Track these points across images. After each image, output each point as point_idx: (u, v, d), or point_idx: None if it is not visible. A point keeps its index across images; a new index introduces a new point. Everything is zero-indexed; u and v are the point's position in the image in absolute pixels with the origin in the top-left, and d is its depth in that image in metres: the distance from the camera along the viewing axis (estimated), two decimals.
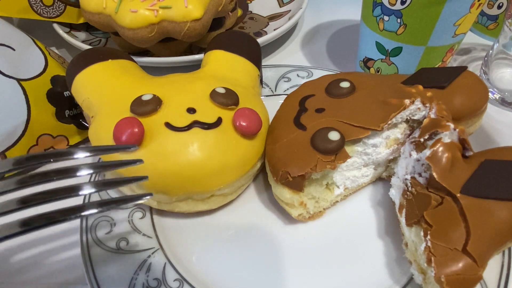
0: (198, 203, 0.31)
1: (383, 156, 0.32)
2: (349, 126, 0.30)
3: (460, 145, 0.29)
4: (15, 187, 0.22)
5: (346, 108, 0.32)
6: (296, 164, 0.29)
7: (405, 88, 0.32)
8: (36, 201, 0.22)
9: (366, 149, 0.31)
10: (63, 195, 0.22)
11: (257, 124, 0.31)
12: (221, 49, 0.38)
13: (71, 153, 0.24)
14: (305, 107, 0.33)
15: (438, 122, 0.29)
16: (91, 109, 0.33)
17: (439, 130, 0.28)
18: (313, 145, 0.29)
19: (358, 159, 0.31)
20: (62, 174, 0.23)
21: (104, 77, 0.34)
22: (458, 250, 0.24)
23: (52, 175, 0.23)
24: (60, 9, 0.49)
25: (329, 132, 0.29)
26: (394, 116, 0.30)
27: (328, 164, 0.29)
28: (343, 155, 0.29)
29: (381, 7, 0.38)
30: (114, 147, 0.28)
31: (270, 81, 0.44)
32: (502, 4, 0.50)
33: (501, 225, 0.25)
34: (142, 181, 0.25)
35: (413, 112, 0.31)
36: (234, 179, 0.31)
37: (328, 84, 0.35)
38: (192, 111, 0.31)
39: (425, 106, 0.31)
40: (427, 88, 0.32)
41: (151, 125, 0.29)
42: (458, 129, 0.28)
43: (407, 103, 0.30)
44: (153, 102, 0.30)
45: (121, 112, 0.30)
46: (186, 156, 0.29)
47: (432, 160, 0.27)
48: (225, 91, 0.32)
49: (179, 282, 0.28)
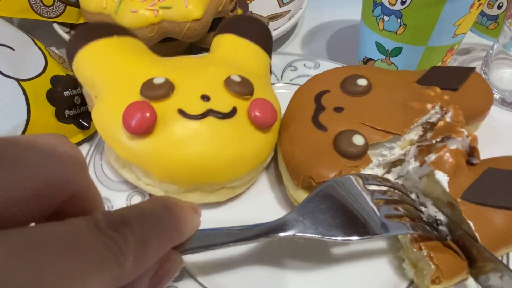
0: (207, 195, 0.30)
1: (396, 156, 0.31)
2: (372, 129, 0.29)
3: (465, 153, 0.29)
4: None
5: (365, 109, 0.31)
6: (319, 170, 0.28)
7: (423, 90, 0.32)
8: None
9: (383, 151, 0.30)
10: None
11: (272, 116, 0.30)
12: (232, 34, 0.36)
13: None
14: (322, 105, 0.32)
15: (453, 126, 0.29)
16: (95, 88, 0.31)
17: (453, 135, 0.28)
18: (336, 149, 0.29)
19: (375, 161, 0.31)
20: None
21: (110, 55, 0.31)
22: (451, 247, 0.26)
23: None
24: (60, 9, 0.49)
25: (353, 136, 0.29)
26: (417, 121, 0.30)
27: (353, 169, 0.28)
28: (366, 159, 0.29)
29: (381, 7, 0.38)
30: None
31: (276, 69, 0.43)
32: (502, 4, 0.50)
33: (497, 233, 0.25)
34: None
35: (431, 116, 0.31)
36: (246, 172, 0.30)
37: (343, 80, 0.34)
38: (206, 99, 0.29)
39: (442, 110, 0.31)
40: (443, 90, 0.32)
41: (163, 111, 0.28)
42: (471, 136, 0.28)
43: (429, 108, 0.30)
44: (166, 86, 0.29)
45: (130, 95, 0.29)
46: (200, 146, 0.28)
47: (436, 165, 0.27)
48: (240, 79, 0.31)
49: (179, 272, 0.28)
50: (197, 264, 0.28)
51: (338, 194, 0.26)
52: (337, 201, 0.26)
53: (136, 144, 0.27)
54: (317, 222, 0.25)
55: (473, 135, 0.28)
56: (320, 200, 0.26)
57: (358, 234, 0.24)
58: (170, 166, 0.28)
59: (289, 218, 0.25)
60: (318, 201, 0.26)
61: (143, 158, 0.28)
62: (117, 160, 0.31)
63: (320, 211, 0.25)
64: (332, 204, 0.25)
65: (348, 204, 0.25)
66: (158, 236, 0.17)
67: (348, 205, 0.25)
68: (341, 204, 0.26)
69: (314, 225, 0.25)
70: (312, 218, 0.25)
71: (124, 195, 0.31)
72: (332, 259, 0.30)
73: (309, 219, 0.25)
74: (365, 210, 0.25)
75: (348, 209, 0.25)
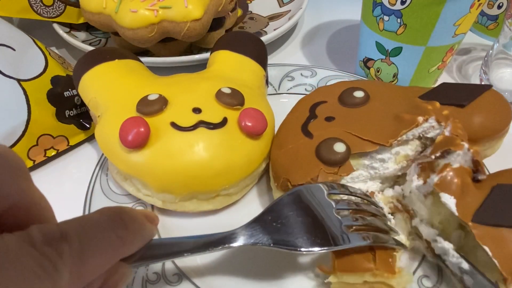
0: (203, 203, 0.31)
1: (390, 171, 0.30)
2: (357, 139, 0.29)
3: (469, 169, 0.27)
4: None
5: (356, 119, 0.31)
6: (297, 173, 0.29)
7: (421, 104, 0.31)
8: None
9: (373, 163, 0.30)
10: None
11: (262, 124, 0.31)
12: (227, 50, 0.38)
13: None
14: (315, 114, 0.33)
15: (452, 140, 0.27)
16: (98, 109, 0.33)
17: (452, 149, 0.27)
18: (317, 155, 0.29)
19: (364, 173, 0.30)
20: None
21: (111, 77, 0.34)
22: None
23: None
24: (60, 9, 0.49)
25: (335, 143, 0.29)
26: (404, 133, 0.29)
27: (330, 175, 0.28)
28: (347, 167, 0.28)
29: (381, 7, 0.38)
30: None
31: (274, 79, 0.44)
32: (502, 4, 0.50)
33: None
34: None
35: (426, 130, 0.30)
36: (239, 179, 0.31)
37: (342, 92, 0.34)
38: (197, 111, 0.31)
39: (439, 125, 0.29)
40: (445, 105, 0.30)
41: (157, 125, 0.30)
42: (473, 150, 0.27)
43: (420, 121, 0.29)
44: (159, 102, 0.30)
45: (127, 112, 0.30)
46: (192, 155, 0.29)
47: (440, 187, 0.25)
48: (230, 91, 0.32)
49: (178, 276, 0.28)
50: (195, 268, 0.29)
51: (301, 202, 0.26)
52: (300, 209, 0.25)
53: (133, 157, 0.29)
54: (274, 231, 0.24)
55: (475, 148, 0.27)
56: (281, 208, 0.25)
57: (319, 245, 0.24)
58: (164, 176, 0.29)
59: (239, 230, 0.25)
60: (279, 209, 0.25)
61: (140, 170, 0.29)
62: (119, 173, 0.32)
63: (282, 220, 0.25)
64: (294, 213, 0.25)
65: (310, 214, 0.25)
66: (100, 249, 0.17)
67: (310, 215, 0.25)
68: (303, 213, 0.25)
69: (270, 234, 0.24)
70: (269, 227, 0.25)
71: (128, 205, 0.32)
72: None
73: (267, 228, 0.25)
74: (327, 220, 0.25)
75: (309, 219, 0.25)
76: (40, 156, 0.36)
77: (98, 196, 0.32)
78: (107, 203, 0.32)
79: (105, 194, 0.33)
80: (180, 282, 0.28)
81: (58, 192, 0.35)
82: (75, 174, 0.37)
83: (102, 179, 0.33)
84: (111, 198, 0.32)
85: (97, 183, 0.33)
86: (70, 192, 0.35)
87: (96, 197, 0.32)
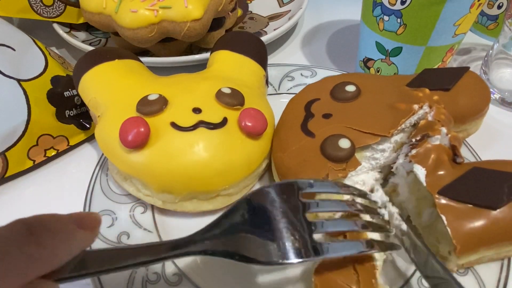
0: (203, 203, 0.31)
1: (390, 159, 0.31)
2: (358, 133, 0.30)
3: (449, 150, 0.28)
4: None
5: (353, 113, 0.31)
6: (307, 174, 0.29)
7: (412, 92, 0.32)
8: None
9: (375, 154, 0.30)
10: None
11: (262, 124, 0.31)
12: (227, 50, 0.38)
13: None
14: (311, 113, 0.33)
15: (432, 125, 0.29)
16: (98, 109, 0.33)
17: (430, 133, 0.28)
18: (323, 153, 0.29)
19: (367, 164, 0.31)
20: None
21: (111, 77, 0.34)
22: None
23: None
24: (60, 9, 0.49)
25: (339, 140, 0.29)
26: (403, 122, 0.30)
27: (340, 172, 0.28)
28: (353, 162, 0.29)
29: (381, 7, 0.38)
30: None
31: (274, 80, 0.44)
32: (502, 4, 0.50)
33: (474, 233, 0.24)
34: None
35: (421, 117, 0.31)
36: (239, 179, 0.31)
37: (333, 88, 0.34)
38: (197, 111, 0.31)
39: (432, 110, 0.31)
40: (433, 91, 0.32)
41: (157, 125, 0.30)
42: (451, 135, 0.28)
43: (415, 108, 0.30)
44: (159, 102, 0.30)
45: (127, 112, 0.30)
46: (191, 155, 0.29)
47: (416, 158, 0.27)
48: (230, 91, 0.32)
49: (178, 276, 0.28)
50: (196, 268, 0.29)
51: (264, 206, 0.23)
52: (265, 214, 0.23)
53: (133, 157, 0.29)
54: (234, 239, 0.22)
55: (453, 134, 0.28)
56: (243, 212, 0.23)
57: (280, 257, 0.21)
58: (164, 176, 0.29)
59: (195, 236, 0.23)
60: (241, 214, 0.23)
61: (140, 170, 0.29)
62: (119, 173, 0.32)
63: (242, 225, 0.22)
64: (257, 219, 0.23)
65: (274, 220, 0.22)
66: (3, 270, 0.15)
67: (274, 221, 0.22)
68: (267, 219, 0.23)
69: (228, 241, 0.22)
70: (228, 234, 0.22)
71: (127, 206, 0.32)
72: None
73: (225, 235, 0.22)
74: (289, 227, 0.22)
75: (273, 226, 0.22)
76: (40, 156, 0.36)
77: (98, 196, 0.32)
78: (107, 203, 0.32)
79: (105, 194, 0.32)
80: (180, 282, 0.28)
81: (58, 192, 0.35)
82: (75, 174, 0.37)
83: (102, 179, 0.33)
84: (111, 198, 0.32)
85: (97, 183, 0.33)
86: (70, 192, 0.35)
87: (96, 197, 0.32)
